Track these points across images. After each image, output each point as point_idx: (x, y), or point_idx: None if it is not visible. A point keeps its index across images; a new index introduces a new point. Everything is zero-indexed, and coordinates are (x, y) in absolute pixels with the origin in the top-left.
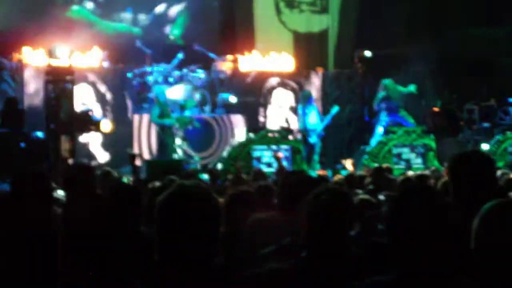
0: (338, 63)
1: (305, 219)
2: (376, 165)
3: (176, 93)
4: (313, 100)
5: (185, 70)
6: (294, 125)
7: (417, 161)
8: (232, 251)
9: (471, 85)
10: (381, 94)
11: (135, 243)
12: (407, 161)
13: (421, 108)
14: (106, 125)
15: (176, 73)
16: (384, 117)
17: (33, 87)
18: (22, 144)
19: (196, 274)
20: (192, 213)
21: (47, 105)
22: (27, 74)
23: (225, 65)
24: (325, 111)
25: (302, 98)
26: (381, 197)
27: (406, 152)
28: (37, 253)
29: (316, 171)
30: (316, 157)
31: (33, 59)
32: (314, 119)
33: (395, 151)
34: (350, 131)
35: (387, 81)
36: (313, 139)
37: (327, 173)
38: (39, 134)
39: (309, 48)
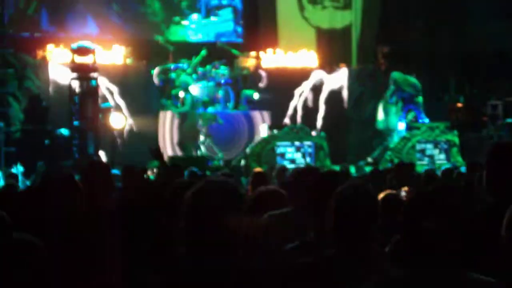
0: (361, 59)
1: (331, 215)
2: (398, 161)
3: (200, 90)
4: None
5: (208, 67)
6: (318, 121)
7: (440, 157)
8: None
9: (494, 80)
10: (391, 88)
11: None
12: (431, 157)
13: (444, 104)
14: (118, 122)
15: (200, 69)
16: (398, 111)
17: (57, 85)
18: (46, 141)
19: (221, 268)
20: (220, 208)
21: (72, 102)
22: (51, 72)
23: (248, 62)
24: (349, 107)
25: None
26: (402, 193)
27: (429, 148)
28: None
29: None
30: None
31: (57, 56)
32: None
33: (419, 147)
34: (373, 127)
35: (395, 74)
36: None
37: (350, 169)
38: (63, 131)
39: (332, 44)
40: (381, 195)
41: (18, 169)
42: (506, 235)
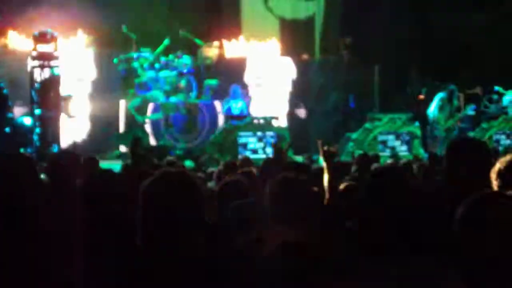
0: (323, 50)
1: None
2: (361, 152)
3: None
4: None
5: (171, 56)
6: (281, 111)
7: (402, 149)
8: (222, 240)
9: (456, 72)
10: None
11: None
12: (392, 148)
13: (406, 96)
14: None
15: (162, 59)
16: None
17: (18, 73)
18: (7, 129)
19: (179, 261)
20: (176, 200)
21: (33, 90)
22: (12, 59)
23: (211, 51)
24: (311, 100)
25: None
26: None
27: (391, 140)
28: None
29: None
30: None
31: (18, 44)
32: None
33: (381, 138)
34: (335, 118)
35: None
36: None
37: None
38: (24, 119)
39: (295, 34)
40: (341, 186)
41: None
42: (460, 231)
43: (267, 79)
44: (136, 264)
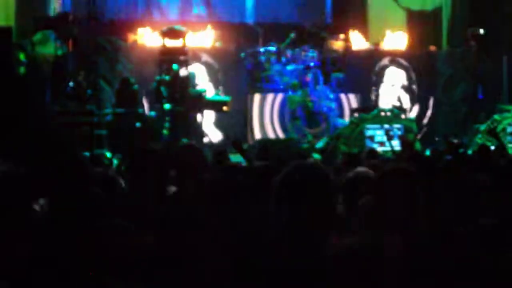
0: (451, 42)
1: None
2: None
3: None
4: None
5: (297, 50)
6: (406, 103)
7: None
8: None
9: None
10: None
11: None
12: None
13: None
14: (227, 105)
15: (289, 52)
16: None
17: (147, 68)
18: (137, 124)
19: (312, 257)
20: (310, 193)
21: (162, 85)
22: (142, 55)
23: (337, 44)
24: (439, 91)
25: None
26: None
27: None
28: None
29: None
30: None
31: (148, 40)
32: None
33: (510, 129)
34: (463, 109)
35: None
36: None
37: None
38: (154, 114)
39: (422, 26)
40: None
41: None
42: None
43: (393, 71)
44: (267, 259)
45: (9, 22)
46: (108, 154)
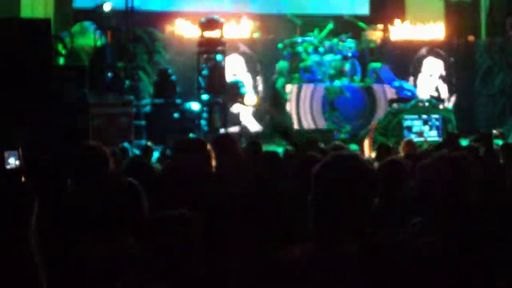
0: (490, 32)
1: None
2: None
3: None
4: None
5: (335, 40)
6: (444, 94)
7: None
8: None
9: None
10: None
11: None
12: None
13: None
14: (251, 99)
15: (326, 43)
16: None
17: (185, 59)
18: (176, 115)
19: (346, 244)
20: (350, 183)
21: (200, 76)
22: (179, 46)
23: (375, 35)
24: (475, 81)
25: None
26: None
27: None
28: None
29: None
30: None
31: (185, 30)
32: None
33: None
34: (502, 100)
35: None
36: None
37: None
38: (192, 104)
39: (460, 16)
40: None
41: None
42: None
43: (431, 61)
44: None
45: (48, 14)
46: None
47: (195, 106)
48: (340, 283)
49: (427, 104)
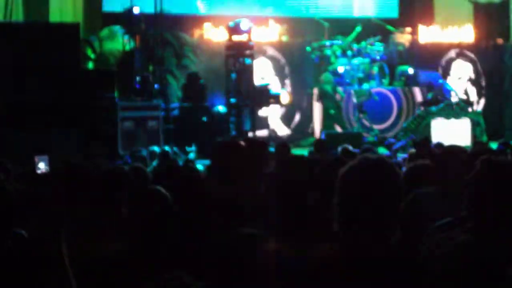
0: None
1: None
2: None
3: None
4: None
5: (363, 43)
6: (473, 96)
7: None
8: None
9: None
10: None
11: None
12: None
13: None
14: (285, 97)
15: (355, 46)
16: None
17: (213, 62)
18: (204, 118)
19: (374, 248)
20: (376, 187)
21: (228, 79)
22: (208, 50)
23: (403, 38)
24: (504, 83)
25: None
26: None
27: None
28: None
29: None
30: None
31: (213, 34)
32: None
33: None
34: None
35: None
36: None
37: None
38: (220, 108)
39: (489, 19)
40: None
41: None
42: None
43: (460, 64)
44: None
45: (77, 18)
46: (175, 148)
47: (223, 109)
48: (365, 286)
49: (455, 107)
